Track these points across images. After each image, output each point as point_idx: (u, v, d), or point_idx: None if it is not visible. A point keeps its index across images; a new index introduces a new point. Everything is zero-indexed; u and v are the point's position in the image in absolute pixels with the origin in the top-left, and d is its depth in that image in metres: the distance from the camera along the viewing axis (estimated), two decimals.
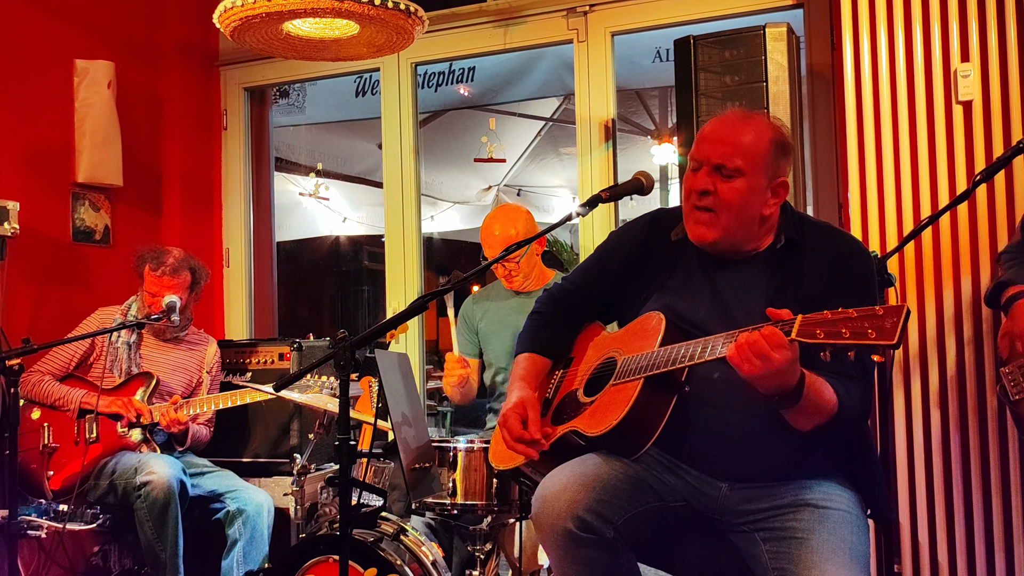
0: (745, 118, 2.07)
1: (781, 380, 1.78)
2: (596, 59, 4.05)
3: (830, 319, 1.68)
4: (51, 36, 4.05)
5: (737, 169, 1.99)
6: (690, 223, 2.07)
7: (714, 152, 2.01)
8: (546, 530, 1.99)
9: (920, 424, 3.04)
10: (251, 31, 3.37)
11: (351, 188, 7.87)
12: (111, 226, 4.29)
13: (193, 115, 4.71)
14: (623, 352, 2.10)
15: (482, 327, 3.45)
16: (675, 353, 1.93)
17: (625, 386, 2.00)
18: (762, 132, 2.04)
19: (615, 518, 1.97)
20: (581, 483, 1.99)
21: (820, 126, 3.70)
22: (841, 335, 1.64)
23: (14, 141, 3.87)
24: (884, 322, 1.60)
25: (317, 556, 2.69)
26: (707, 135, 2.06)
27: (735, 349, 1.77)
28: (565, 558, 1.99)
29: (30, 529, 3.01)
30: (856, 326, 1.63)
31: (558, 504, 1.97)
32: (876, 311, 1.62)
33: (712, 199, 2.01)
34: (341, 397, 1.96)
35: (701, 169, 2.03)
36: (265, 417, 3.85)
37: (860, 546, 1.93)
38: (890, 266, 2.81)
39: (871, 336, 1.60)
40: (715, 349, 1.85)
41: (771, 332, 1.74)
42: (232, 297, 4.78)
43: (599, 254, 2.33)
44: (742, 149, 2.00)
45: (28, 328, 3.68)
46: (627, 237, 2.28)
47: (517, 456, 2.19)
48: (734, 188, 2.00)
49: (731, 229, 2.03)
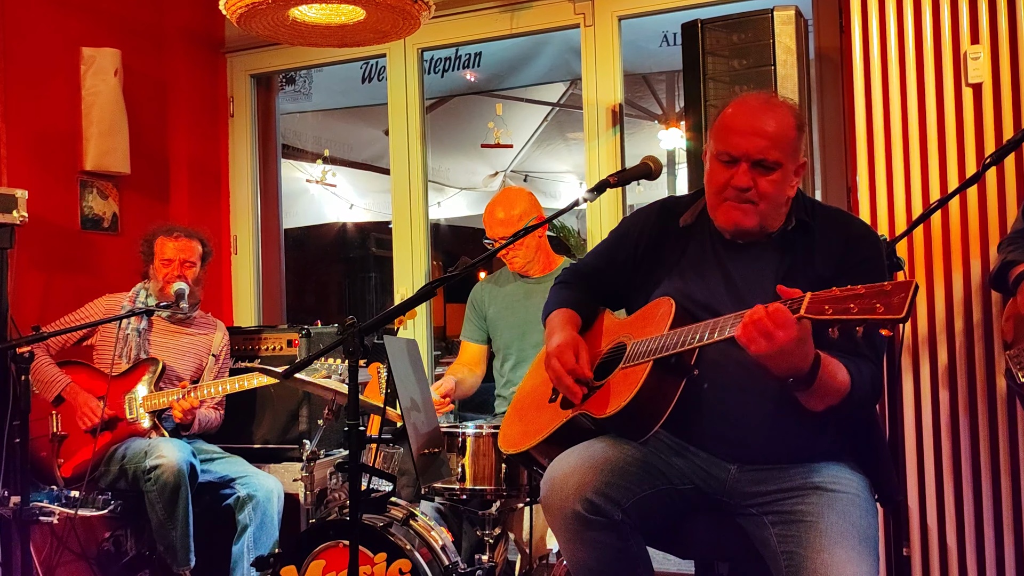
0: (768, 105, 2.06)
1: (792, 361, 1.78)
2: (603, 44, 4.03)
3: (839, 296, 1.68)
4: (58, 24, 4.04)
5: (776, 162, 2.01)
6: (724, 209, 2.07)
7: (752, 147, 2.00)
8: (555, 512, 2.00)
9: (929, 407, 3.03)
10: (257, 18, 3.36)
11: (358, 175, 7.86)
12: (119, 214, 4.30)
13: (200, 102, 4.71)
14: (632, 337, 2.11)
15: (491, 313, 3.46)
16: (685, 335, 1.93)
17: (634, 369, 2.01)
18: (787, 118, 2.05)
19: (623, 500, 1.98)
20: (590, 465, 2.00)
21: (828, 110, 3.68)
22: (849, 310, 1.64)
23: (22, 129, 3.87)
24: (892, 298, 1.60)
25: (327, 541, 2.70)
26: (734, 126, 2.04)
27: (742, 328, 1.78)
28: (574, 540, 2.00)
29: (42, 515, 3.03)
30: (864, 303, 1.63)
31: (567, 486, 1.98)
32: (884, 287, 1.62)
33: (753, 193, 2.02)
34: (350, 383, 1.96)
35: (739, 165, 2.02)
36: (274, 403, 3.87)
37: (869, 529, 1.93)
38: (899, 250, 2.81)
39: (879, 311, 1.60)
40: (724, 330, 1.85)
41: (776, 309, 1.74)
42: (240, 284, 4.78)
43: (612, 239, 2.35)
44: (777, 141, 2.00)
45: (38, 315, 3.69)
46: (638, 223, 2.29)
47: (526, 439, 2.20)
48: (773, 180, 2.02)
49: (767, 216, 2.06)
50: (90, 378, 3.55)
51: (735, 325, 1.81)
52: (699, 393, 2.02)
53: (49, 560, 3.49)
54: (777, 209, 2.07)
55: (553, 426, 2.16)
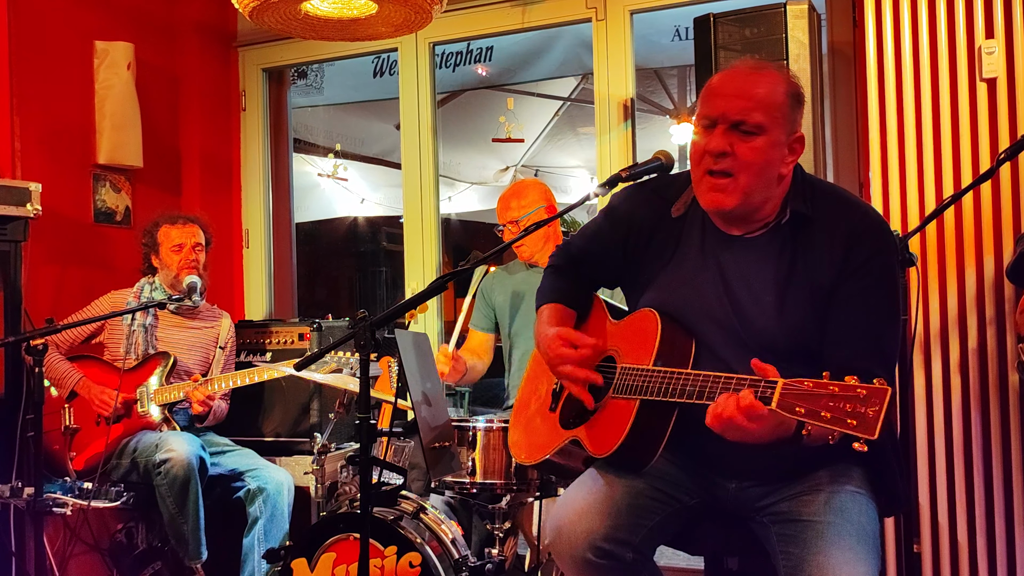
0: (758, 68, 1.90)
1: (775, 435, 1.70)
2: (615, 38, 4.02)
3: (812, 392, 1.56)
4: (71, 18, 4.06)
5: (758, 125, 1.83)
6: (703, 190, 1.91)
7: (730, 107, 1.83)
8: (565, 559, 1.99)
9: (941, 403, 3.02)
10: (270, 11, 3.37)
11: (369, 169, 7.87)
12: (131, 207, 4.31)
13: (212, 96, 4.72)
14: (621, 352, 2.06)
15: (498, 301, 3.47)
16: (670, 385, 1.85)
17: (625, 404, 1.95)
18: (777, 83, 1.88)
19: (633, 538, 1.96)
20: (596, 510, 1.97)
21: (841, 105, 3.67)
22: (821, 417, 1.54)
23: (36, 123, 3.89)
24: (867, 409, 1.49)
25: (338, 534, 2.72)
26: (718, 89, 1.88)
27: (713, 419, 1.70)
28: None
29: (55, 506, 3.04)
30: (837, 409, 1.52)
31: (575, 535, 1.96)
32: (858, 393, 1.51)
33: (730, 161, 1.84)
34: (361, 376, 1.97)
35: (716, 127, 1.85)
36: (285, 396, 3.89)
37: (868, 526, 1.88)
38: (912, 245, 2.78)
39: (850, 425, 1.50)
40: (712, 393, 1.76)
41: (749, 405, 1.64)
42: (251, 278, 4.80)
43: (602, 221, 2.21)
44: (761, 102, 1.83)
45: (51, 308, 3.72)
46: (628, 210, 2.14)
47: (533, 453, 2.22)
48: (755, 147, 1.84)
49: (751, 192, 1.87)
50: (101, 372, 3.57)
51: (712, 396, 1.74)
52: (694, 415, 1.87)
53: (62, 551, 3.51)
54: (765, 186, 1.88)
55: (554, 445, 2.17)
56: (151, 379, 3.53)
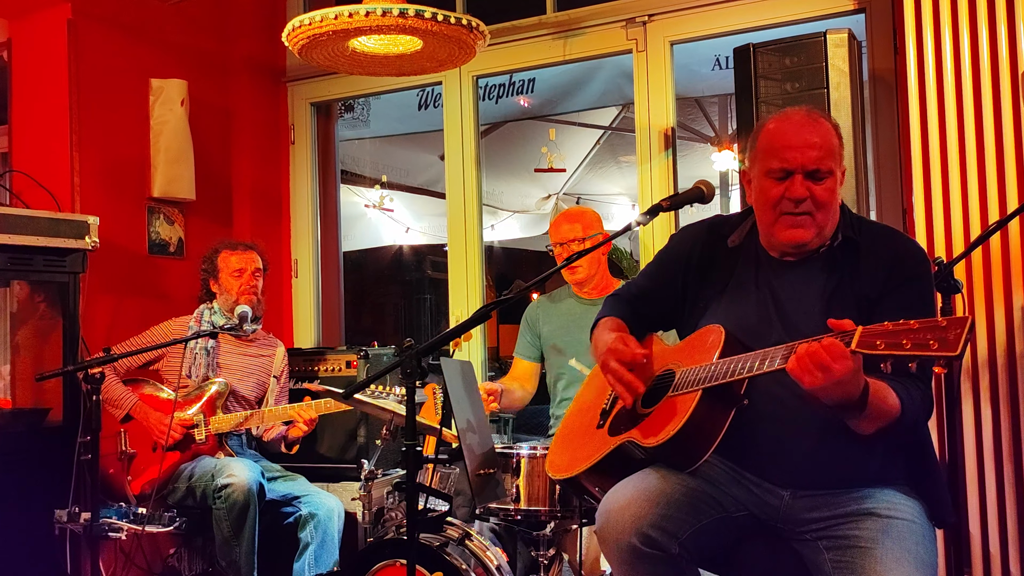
0: (812, 117, 2.09)
1: (844, 391, 1.77)
2: (655, 68, 4.06)
3: (891, 330, 1.66)
4: (128, 56, 4.21)
5: (829, 170, 2.04)
6: (781, 228, 2.07)
7: (807, 159, 2.02)
8: (610, 545, 2.00)
9: (990, 430, 2.99)
10: (318, 48, 3.47)
11: (414, 199, 7.97)
12: (184, 238, 4.43)
13: (262, 130, 4.84)
14: (681, 364, 2.11)
15: (545, 331, 3.49)
16: (734, 365, 1.93)
17: (683, 397, 2.01)
18: (829, 127, 2.08)
19: (680, 533, 1.98)
20: (645, 498, 2.00)
21: (883, 131, 3.66)
22: (902, 346, 1.62)
23: (95, 158, 4.03)
24: (947, 334, 1.58)
25: (384, 560, 2.75)
26: (790, 143, 2.05)
27: (795, 361, 1.77)
28: (629, 573, 2.00)
29: (111, 531, 3.10)
30: (917, 338, 1.61)
31: (622, 519, 1.98)
32: (939, 322, 1.60)
33: (808, 203, 2.03)
34: (408, 404, 2.01)
35: (793, 177, 2.03)
36: (333, 423, 3.94)
37: (926, 556, 1.91)
38: (957, 272, 2.76)
39: (933, 347, 1.58)
40: (774, 361, 1.85)
41: (831, 343, 1.74)
42: (300, 306, 4.89)
43: (660, 259, 2.35)
44: (826, 150, 2.04)
45: (106, 337, 3.82)
46: (686, 243, 2.29)
47: (574, 465, 2.21)
48: (827, 188, 2.03)
49: (824, 226, 2.06)
50: (156, 397, 3.65)
51: (786, 356, 1.81)
52: (750, 419, 2.00)
53: (117, 575, 3.58)
54: (832, 218, 2.08)
55: (601, 453, 2.15)
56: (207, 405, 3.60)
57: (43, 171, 3.82)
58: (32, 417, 3.52)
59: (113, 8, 4.15)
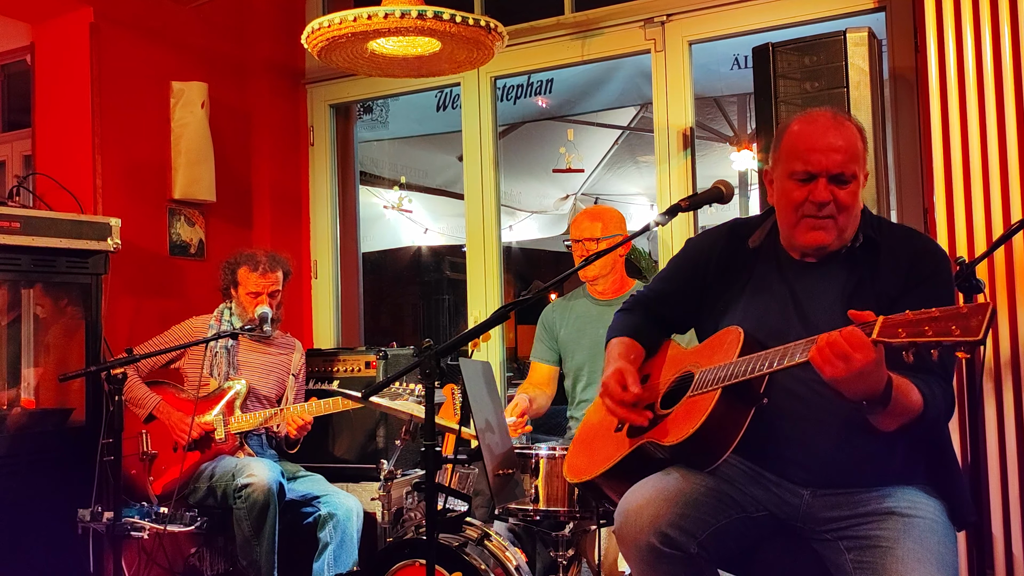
0: (837, 120, 2.07)
1: (867, 385, 1.77)
2: (674, 68, 4.05)
3: (912, 319, 1.66)
4: (149, 60, 4.24)
5: (853, 174, 2.03)
6: (803, 230, 2.07)
7: (831, 163, 2.01)
8: (629, 544, 2.00)
9: (1013, 430, 2.96)
10: (337, 51, 3.48)
11: (433, 200, 7.99)
12: (205, 240, 4.47)
13: (281, 132, 4.87)
14: (700, 365, 2.10)
15: (562, 335, 3.49)
16: (754, 363, 1.92)
17: (702, 397, 2.00)
18: (854, 131, 2.07)
19: (699, 532, 1.98)
20: (664, 497, 2.00)
21: (904, 130, 3.64)
22: (924, 333, 1.63)
23: (116, 161, 4.07)
24: (969, 320, 1.58)
25: (404, 560, 2.76)
26: (815, 145, 2.04)
27: (816, 351, 1.77)
28: (648, 573, 1.99)
29: (133, 531, 3.13)
30: (939, 325, 1.61)
31: (641, 518, 1.98)
32: (960, 310, 1.60)
33: (831, 207, 2.03)
34: (427, 404, 2.01)
35: (817, 180, 2.02)
36: (352, 423, 3.96)
37: (947, 556, 1.90)
38: (979, 272, 2.74)
39: (955, 333, 1.59)
40: (794, 355, 1.85)
41: (851, 331, 1.73)
42: (320, 307, 4.91)
43: (678, 261, 2.35)
44: (851, 154, 2.03)
45: (128, 337, 3.85)
46: (705, 245, 2.30)
47: (592, 468, 2.21)
48: (851, 191, 2.03)
49: (845, 228, 2.06)
50: (176, 398, 3.68)
51: (806, 351, 1.81)
52: (770, 418, 2.00)
53: (139, 574, 3.61)
54: (854, 221, 2.07)
55: (619, 455, 2.15)
56: (226, 406, 3.62)
57: (66, 174, 3.86)
58: (56, 417, 3.56)
59: (134, 12, 4.18)
